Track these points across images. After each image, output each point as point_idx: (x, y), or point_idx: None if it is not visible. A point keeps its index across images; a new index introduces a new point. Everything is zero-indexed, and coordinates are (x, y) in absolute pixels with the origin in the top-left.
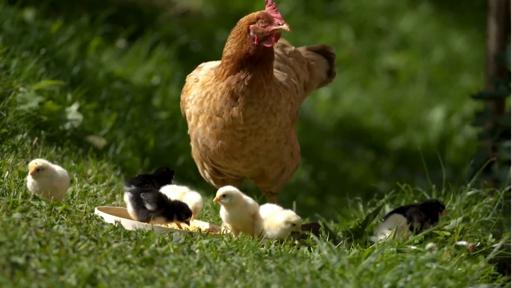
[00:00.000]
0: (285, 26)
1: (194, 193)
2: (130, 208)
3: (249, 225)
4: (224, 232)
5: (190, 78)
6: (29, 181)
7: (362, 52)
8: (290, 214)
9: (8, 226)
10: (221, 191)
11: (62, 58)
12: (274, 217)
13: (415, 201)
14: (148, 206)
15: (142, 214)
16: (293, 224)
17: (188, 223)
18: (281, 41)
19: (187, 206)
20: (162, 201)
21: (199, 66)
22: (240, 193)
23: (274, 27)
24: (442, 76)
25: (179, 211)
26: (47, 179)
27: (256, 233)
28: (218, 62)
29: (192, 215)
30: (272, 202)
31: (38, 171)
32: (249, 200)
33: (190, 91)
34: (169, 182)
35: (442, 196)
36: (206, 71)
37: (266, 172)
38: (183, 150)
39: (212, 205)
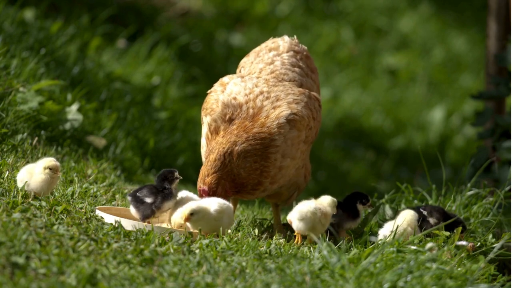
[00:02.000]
0: None
1: (182, 209)
2: (132, 209)
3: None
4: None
5: (212, 98)
6: (43, 180)
7: (362, 52)
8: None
9: (8, 226)
10: (187, 209)
11: (62, 58)
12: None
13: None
14: (147, 199)
15: (144, 209)
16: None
17: None
18: (305, 52)
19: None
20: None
21: (223, 82)
22: (207, 206)
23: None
24: (442, 76)
25: None
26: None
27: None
28: (240, 85)
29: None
30: (276, 212)
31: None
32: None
33: (204, 124)
34: None
35: (442, 196)
36: (219, 111)
37: (282, 194)
38: (183, 150)
39: None
